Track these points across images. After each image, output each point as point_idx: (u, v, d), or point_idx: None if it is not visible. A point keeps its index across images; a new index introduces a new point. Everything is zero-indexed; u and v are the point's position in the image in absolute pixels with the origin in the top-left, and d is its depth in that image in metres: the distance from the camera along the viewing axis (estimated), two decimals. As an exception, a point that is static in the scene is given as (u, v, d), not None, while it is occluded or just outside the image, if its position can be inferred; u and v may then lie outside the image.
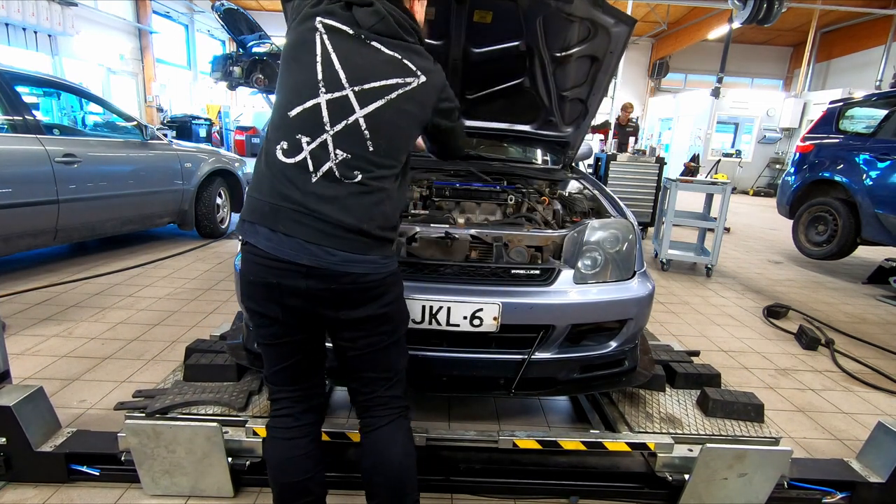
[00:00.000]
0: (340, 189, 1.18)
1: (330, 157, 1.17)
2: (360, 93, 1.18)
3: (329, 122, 1.17)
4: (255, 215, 1.20)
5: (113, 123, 5.28)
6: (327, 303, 1.20)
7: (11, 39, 9.61)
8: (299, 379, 1.31)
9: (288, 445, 1.29)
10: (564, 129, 2.33)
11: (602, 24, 1.87)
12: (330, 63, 1.18)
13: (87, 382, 2.25)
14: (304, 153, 1.17)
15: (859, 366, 2.94)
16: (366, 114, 1.18)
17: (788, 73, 18.96)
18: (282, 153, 1.18)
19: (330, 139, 1.17)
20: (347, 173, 1.18)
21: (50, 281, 3.52)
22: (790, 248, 5.98)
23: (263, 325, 1.25)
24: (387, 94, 1.20)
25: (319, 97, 1.18)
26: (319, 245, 1.15)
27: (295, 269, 1.16)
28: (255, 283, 1.21)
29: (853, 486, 1.71)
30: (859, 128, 5.37)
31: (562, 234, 1.94)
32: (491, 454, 1.74)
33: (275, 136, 1.21)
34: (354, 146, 1.18)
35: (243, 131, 16.02)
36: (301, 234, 1.15)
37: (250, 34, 10.73)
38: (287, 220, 1.16)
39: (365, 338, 1.26)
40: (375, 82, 1.19)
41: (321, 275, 1.16)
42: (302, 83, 1.19)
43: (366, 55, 1.20)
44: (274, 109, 1.24)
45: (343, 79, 1.18)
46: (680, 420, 1.82)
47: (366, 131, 1.19)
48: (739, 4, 5.50)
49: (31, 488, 1.62)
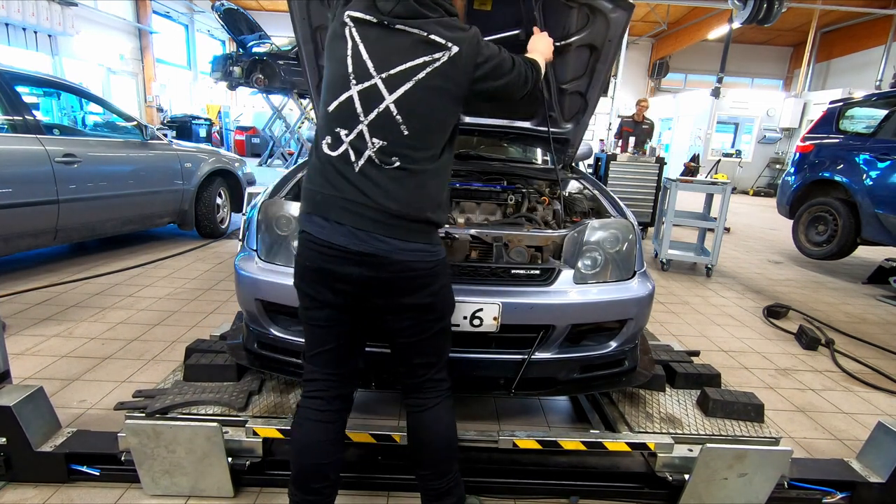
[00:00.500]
0: (382, 176, 1.23)
1: (368, 147, 1.22)
2: (387, 79, 1.21)
3: (362, 112, 1.22)
4: (310, 205, 1.27)
5: (113, 123, 5.28)
6: (377, 290, 1.26)
7: (11, 39, 9.61)
8: (338, 364, 1.36)
9: (317, 428, 1.34)
10: (564, 125, 2.33)
11: (600, 9, 1.87)
12: (358, 54, 1.23)
13: (87, 382, 2.25)
14: (344, 145, 1.23)
15: (859, 366, 2.94)
16: (395, 99, 1.21)
17: (788, 73, 18.97)
18: (327, 147, 1.26)
19: (365, 129, 1.22)
20: (386, 160, 1.23)
21: (50, 281, 3.52)
22: (790, 248, 5.98)
23: (312, 308, 1.30)
24: (414, 76, 1.22)
25: (351, 89, 1.23)
26: (367, 232, 1.21)
27: (347, 255, 1.22)
28: (309, 268, 1.27)
29: (853, 486, 1.71)
30: (859, 128, 5.37)
31: (562, 234, 1.94)
32: (491, 454, 1.74)
33: (320, 132, 1.28)
34: (389, 133, 1.22)
35: (243, 131, 16.03)
36: (350, 221, 1.22)
37: (250, 34, 10.74)
38: (337, 209, 1.23)
39: (414, 325, 1.32)
40: (401, 65, 1.22)
41: (372, 262, 1.22)
42: (336, 78, 1.25)
43: (391, 40, 1.23)
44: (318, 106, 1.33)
45: (370, 68, 1.22)
46: (680, 420, 1.82)
47: (398, 116, 1.22)
48: (739, 4, 5.50)
49: (31, 488, 1.61)
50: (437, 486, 1.40)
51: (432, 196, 1.29)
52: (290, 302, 1.73)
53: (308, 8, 1.90)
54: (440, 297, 1.33)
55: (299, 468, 1.34)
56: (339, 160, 1.24)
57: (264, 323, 1.78)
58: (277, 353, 1.81)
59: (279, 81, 10.27)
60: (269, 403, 1.78)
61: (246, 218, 2.07)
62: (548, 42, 1.63)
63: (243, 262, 1.81)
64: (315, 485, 1.33)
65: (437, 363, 1.40)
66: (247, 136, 15.77)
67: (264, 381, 1.91)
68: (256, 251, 1.81)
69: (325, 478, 1.34)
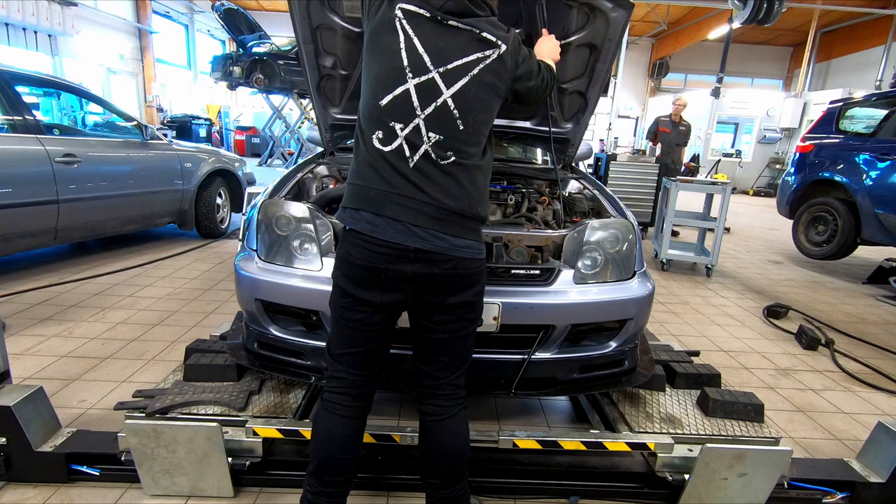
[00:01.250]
0: (437, 171, 1.23)
1: (423, 141, 1.22)
2: (444, 73, 1.22)
3: (419, 106, 1.21)
4: (359, 201, 1.24)
5: (113, 123, 5.28)
6: (430, 288, 1.25)
7: (11, 39, 9.60)
8: (369, 364, 1.36)
9: (344, 423, 1.34)
10: (564, 125, 2.33)
11: (600, 8, 1.87)
12: (413, 48, 1.21)
13: (87, 382, 2.25)
14: (399, 139, 1.22)
15: (859, 366, 2.94)
16: (452, 93, 1.22)
17: (788, 73, 18.96)
18: (378, 142, 1.23)
19: (422, 123, 1.21)
20: (442, 154, 1.23)
21: (50, 281, 3.52)
22: (790, 248, 5.98)
23: (353, 308, 1.28)
24: (469, 71, 1.23)
25: (407, 83, 1.21)
26: (424, 228, 1.21)
27: (402, 252, 1.20)
28: (361, 267, 1.24)
29: (853, 486, 1.71)
30: (859, 128, 5.37)
31: (562, 234, 1.94)
32: (491, 454, 1.74)
33: (368, 126, 1.25)
34: (445, 127, 1.22)
35: (243, 131, 16.04)
36: (407, 217, 1.21)
37: (250, 34, 10.75)
38: (392, 205, 1.21)
39: (452, 322, 1.31)
40: (457, 60, 1.23)
41: (427, 259, 1.22)
42: (389, 71, 1.23)
43: (445, 35, 1.23)
44: (363, 101, 1.28)
45: (427, 62, 1.21)
46: (680, 420, 1.82)
47: (455, 111, 1.22)
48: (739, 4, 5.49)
49: (31, 488, 1.61)
50: (446, 493, 1.39)
51: (481, 192, 1.30)
52: (290, 302, 1.73)
53: (308, 8, 1.90)
54: (480, 296, 1.35)
55: (321, 461, 1.34)
56: (393, 155, 1.22)
57: (264, 323, 1.78)
58: (277, 353, 1.81)
59: (279, 81, 10.28)
60: (269, 403, 1.78)
61: (246, 218, 2.07)
62: (554, 45, 1.63)
63: (243, 262, 1.81)
64: (335, 478, 1.34)
65: (461, 365, 1.39)
66: (247, 136, 15.77)
67: (264, 381, 1.91)
68: (256, 251, 1.81)
69: (346, 471, 1.36)
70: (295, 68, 9.89)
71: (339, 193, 2.15)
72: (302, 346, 1.76)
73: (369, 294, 1.25)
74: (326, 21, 1.94)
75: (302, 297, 1.71)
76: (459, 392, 1.40)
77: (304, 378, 1.78)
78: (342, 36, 1.99)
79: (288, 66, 10.09)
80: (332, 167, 2.54)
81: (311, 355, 1.75)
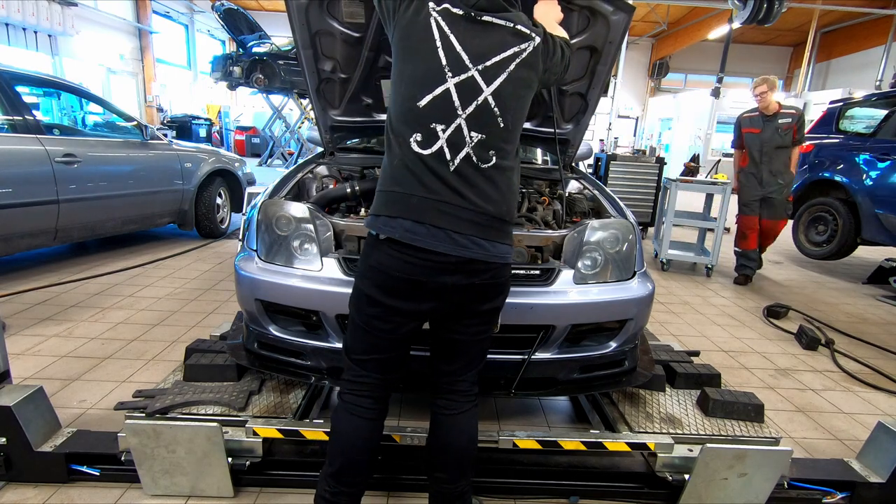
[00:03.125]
0: (478, 175, 1.20)
1: (466, 142, 1.19)
2: (483, 71, 1.19)
3: (460, 105, 1.18)
4: (397, 208, 1.19)
5: (113, 123, 5.28)
6: (466, 297, 1.24)
7: (11, 39, 9.61)
8: (393, 370, 1.34)
9: (368, 425, 1.34)
10: (564, 126, 2.33)
11: (601, 12, 1.87)
12: (451, 46, 1.18)
13: (87, 382, 2.25)
14: (440, 142, 1.18)
15: (859, 366, 2.94)
16: (493, 91, 1.20)
17: (788, 73, 18.96)
18: (417, 145, 1.19)
19: (464, 123, 1.19)
20: (484, 156, 1.20)
21: (50, 281, 3.52)
22: (790, 248, 5.98)
23: (383, 318, 1.24)
24: (507, 67, 1.21)
25: (447, 82, 1.18)
26: (466, 235, 1.18)
27: (443, 264, 1.18)
28: (399, 279, 1.20)
29: (853, 486, 1.71)
30: (859, 128, 5.38)
31: (562, 234, 1.94)
32: (491, 454, 1.74)
33: (405, 129, 1.20)
34: (487, 126, 1.20)
35: (243, 131, 16.05)
36: (448, 224, 1.17)
37: (250, 34, 10.75)
38: (433, 212, 1.17)
39: (478, 326, 1.32)
40: (495, 57, 1.20)
41: (468, 269, 1.20)
42: (426, 71, 1.19)
43: (481, 32, 1.21)
44: (396, 103, 1.23)
45: (466, 60, 1.19)
46: (680, 420, 1.82)
47: (495, 108, 1.20)
48: (739, 4, 5.49)
49: (31, 488, 1.61)
50: (450, 489, 1.40)
51: (515, 194, 1.29)
52: (290, 302, 1.73)
53: (307, 13, 1.90)
54: (505, 300, 1.36)
55: (342, 462, 1.32)
56: (433, 159, 1.18)
57: (264, 323, 1.78)
58: (277, 353, 1.81)
59: (279, 81, 10.28)
60: (269, 403, 1.78)
61: (246, 218, 2.07)
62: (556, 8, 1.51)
63: (243, 262, 1.81)
64: (354, 479, 1.34)
65: (478, 365, 1.40)
66: (247, 136, 15.78)
67: (264, 381, 1.91)
68: (256, 251, 1.81)
69: (364, 472, 1.36)
70: (295, 68, 9.89)
71: (340, 193, 2.15)
72: (302, 346, 1.76)
73: (404, 305, 1.22)
74: (325, 26, 1.94)
75: (302, 298, 1.71)
76: (474, 389, 1.41)
77: (304, 378, 1.78)
78: (341, 41, 2.00)
79: (288, 66, 10.10)
80: (332, 167, 2.54)
81: (311, 355, 1.75)
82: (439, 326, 1.33)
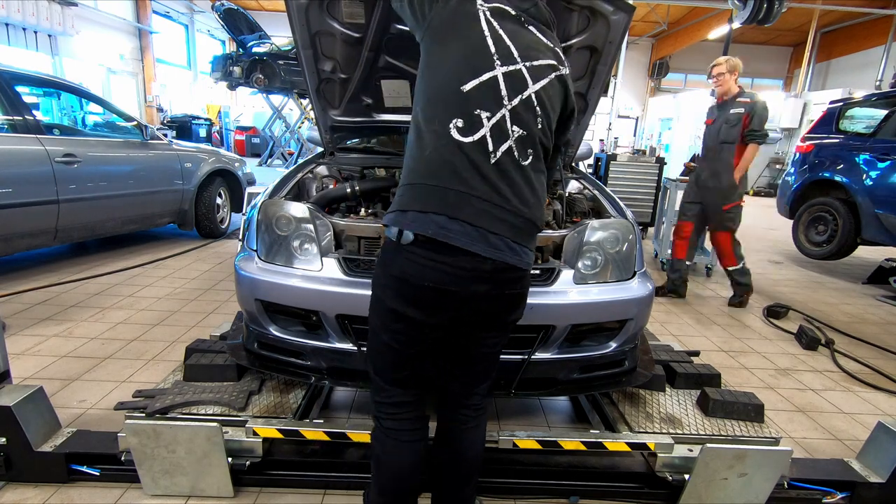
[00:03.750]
0: (517, 172, 1.14)
1: (509, 135, 1.13)
2: (531, 68, 1.16)
3: (507, 96, 1.13)
4: (431, 202, 1.09)
5: (113, 123, 5.28)
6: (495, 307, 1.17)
7: (11, 39, 9.61)
8: (426, 382, 1.28)
9: (413, 449, 1.26)
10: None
11: (601, 11, 1.87)
12: (500, 38, 1.15)
13: (87, 382, 2.25)
14: (484, 129, 1.10)
15: (859, 366, 2.94)
16: (537, 89, 1.16)
17: (788, 73, 18.96)
18: (457, 132, 1.10)
19: (508, 114, 1.13)
20: (523, 152, 1.15)
21: (50, 281, 3.52)
22: (790, 248, 5.98)
23: (411, 330, 1.16)
24: (550, 74, 1.19)
25: (496, 70, 1.12)
26: (501, 236, 1.10)
27: (477, 271, 1.09)
28: (425, 288, 1.10)
29: (853, 486, 1.71)
30: (859, 128, 5.37)
31: (562, 234, 1.94)
32: (491, 454, 1.73)
33: (444, 114, 1.11)
34: (528, 122, 1.16)
35: (243, 131, 16.05)
36: (485, 223, 1.09)
37: (250, 34, 10.75)
38: (471, 208, 1.08)
39: (497, 337, 1.26)
40: (542, 60, 1.18)
41: (501, 278, 1.12)
42: (473, 56, 1.13)
43: (528, 36, 1.19)
44: (431, 89, 1.15)
45: (515, 53, 1.15)
46: (680, 420, 1.82)
47: (537, 107, 1.17)
48: (739, 4, 5.49)
49: (31, 488, 1.61)
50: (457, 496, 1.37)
51: (544, 199, 1.25)
52: (290, 302, 1.73)
53: (307, 14, 1.90)
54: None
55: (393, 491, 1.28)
56: (474, 148, 1.09)
57: (264, 323, 1.78)
58: (277, 353, 1.81)
59: (279, 81, 10.28)
60: (269, 403, 1.78)
61: (246, 218, 2.07)
62: None
63: (243, 262, 1.81)
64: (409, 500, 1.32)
65: (492, 376, 1.35)
66: (247, 136, 15.79)
67: (264, 381, 1.91)
68: (256, 251, 1.81)
69: (416, 493, 1.33)
70: (295, 68, 9.89)
71: (340, 193, 2.15)
72: (302, 346, 1.76)
73: (435, 316, 1.14)
74: (325, 27, 1.94)
75: (302, 298, 1.71)
76: (482, 402, 1.36)
77: (304, 378, 1.78)
78: (341, 41, 2.00)
79: (288, 66, 10.10)
80: (332, 167, 2.54)
81: (311, 355, 1.75)
82: (458, 335, 1.24)
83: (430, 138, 1.12)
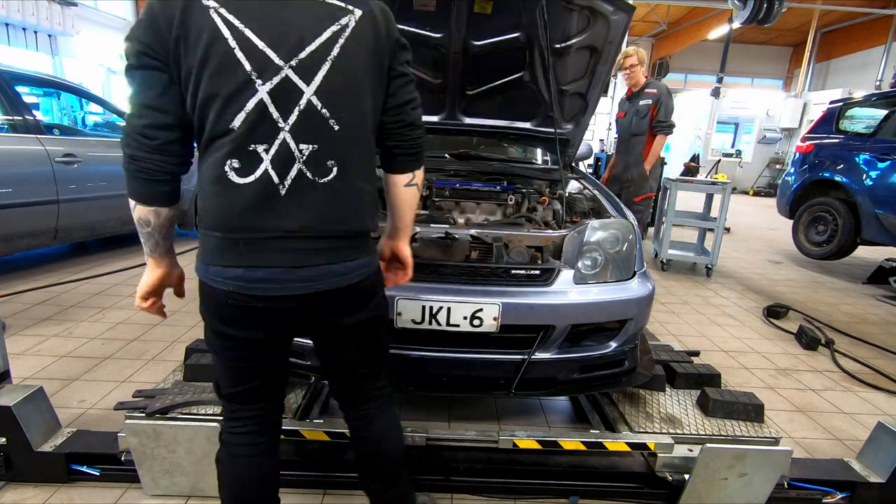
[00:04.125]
0: (316, 192, 1.01)
1: (295, 158, 0.98)
2: (298, 67, 0.96)
3: (280, 116, 0.96)
4: (227, 255, 1.01)
5: (113, 123, 5.28)
6: (322, 317, 1.11)
7: (11, 39, 9.61)
8: (269, 396, 1.20)
9: (254, 463, 1.18)
10: (564, 126, 2.33)
11: (601, 11, 1.87)
12: (249, 43, 0.93)
13: (87, 382, 2.25)
14: (263, 164, 0.97)
15: (859, 366, 2.94)
16: (316, 89, 0.97)
17: (788, 73, 18.96)
18: (235, 174, 0.97)
19: (288, 136, 0.97)
20: (319, 169, 1.00)
21: (50, 281, 3.52)
22: (790, 248, 5.98)
23: (235, 349, 1.11)
24: (328, 55, 0.97)
25: (258, 91, 0.94)
26: (317, 266, 1.02)
27: (302, 302, 1.04)
28: (234, 307, 1.04)
29: (853, 486, 1.71)
30: (859, 128, 5.38)
31: (562, 234, 1.94)
32: (491, 454, 1.74)
33: (216, 157, 0.98)
34: (317, 133, 0.99)
35: (243, 131, 16.01)
36: (288, 261, 1.00)
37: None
38: (266, 253, 0.99)
39: (357, 340, 1.19)
40: (310, 45, 0.96)
41: (316, 299, 1.05)
42: (228, 82, 0.93)
43: (284, 15, 0.95)
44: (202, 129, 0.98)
45: (272, 56, 0.94)
46: (680, 420, 1.82)
47: (323, 110, 0.98)
48: (739, 4, 5.49)
49: (31, 488, 1.62)
50: (391, 495, 1.33)
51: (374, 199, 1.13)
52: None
53: None
54: (383, 305, 1.22)
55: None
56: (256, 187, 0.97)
57: (264, 323, 1.78)
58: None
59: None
60: (269, 403, 1.78)
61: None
62: None
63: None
64: None
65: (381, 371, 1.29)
66: (247, 136, 15.76)
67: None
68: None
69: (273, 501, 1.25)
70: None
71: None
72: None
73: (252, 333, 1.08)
74: None
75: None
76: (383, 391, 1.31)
77: (303, 378, 1.78)
78: None
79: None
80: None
81: (310, 355, 1.75)
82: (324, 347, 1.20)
83: (211, 185, 0.99)
